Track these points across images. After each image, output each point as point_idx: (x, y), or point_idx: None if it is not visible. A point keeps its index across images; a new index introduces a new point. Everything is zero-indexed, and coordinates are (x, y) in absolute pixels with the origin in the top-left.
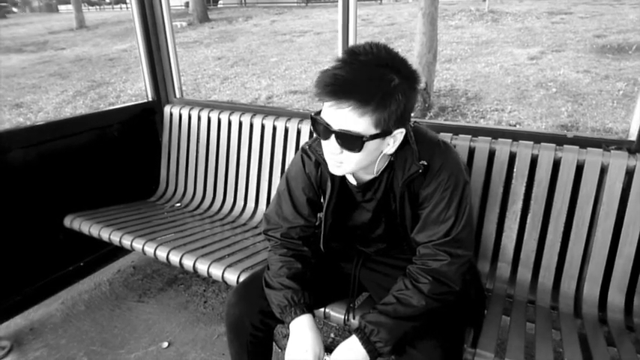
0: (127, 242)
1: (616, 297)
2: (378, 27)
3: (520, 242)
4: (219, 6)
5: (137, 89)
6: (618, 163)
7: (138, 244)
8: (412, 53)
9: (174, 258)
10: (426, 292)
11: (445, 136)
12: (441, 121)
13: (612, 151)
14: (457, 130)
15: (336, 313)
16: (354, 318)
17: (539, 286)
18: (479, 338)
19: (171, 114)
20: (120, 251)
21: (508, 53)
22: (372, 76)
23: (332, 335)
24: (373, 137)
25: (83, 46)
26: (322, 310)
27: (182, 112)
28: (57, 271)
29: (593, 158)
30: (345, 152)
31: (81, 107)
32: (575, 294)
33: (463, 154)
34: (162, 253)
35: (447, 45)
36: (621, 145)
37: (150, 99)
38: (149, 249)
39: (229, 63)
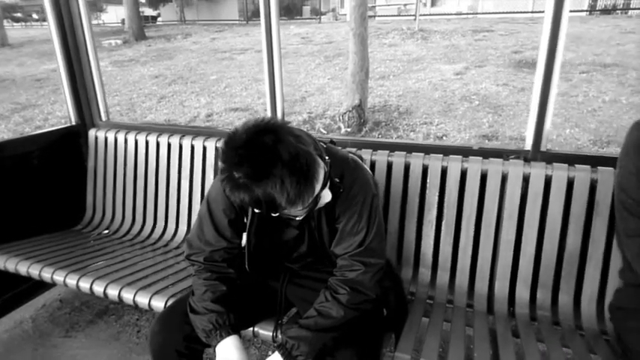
0: (47, 275)
1: (522, 292)
2: (317, 45)
3: (437, 247)
4: (157, 23)
5: (67, 111)
6: (516, 171)
7: (59, 277)
8: (348, 72)
9: (98, 289)
10: (344, 303)
11: (365, 152)
12: (360, 138)
13: (511, 160)
14: (375, 146)
15: (264, 331)
16: (282, 334)
17: (456, 287)
18: (399, 341)
19: (96, 138)
20: (44, 285)
21: (436, 69)
22: (294, 152)
23: (270, 353)
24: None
25: (6, 66)
26: (251, 329)
27: (108, 135)
28: None
29: (495, 167)
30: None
31: (3, 132)
32: (487, 292)
33: (382, 168)
34: (85, 285)
35: (381, 62)
36: (519, 154)
37: (73, 123)
38: (71, 281)
39: (167, 81)
